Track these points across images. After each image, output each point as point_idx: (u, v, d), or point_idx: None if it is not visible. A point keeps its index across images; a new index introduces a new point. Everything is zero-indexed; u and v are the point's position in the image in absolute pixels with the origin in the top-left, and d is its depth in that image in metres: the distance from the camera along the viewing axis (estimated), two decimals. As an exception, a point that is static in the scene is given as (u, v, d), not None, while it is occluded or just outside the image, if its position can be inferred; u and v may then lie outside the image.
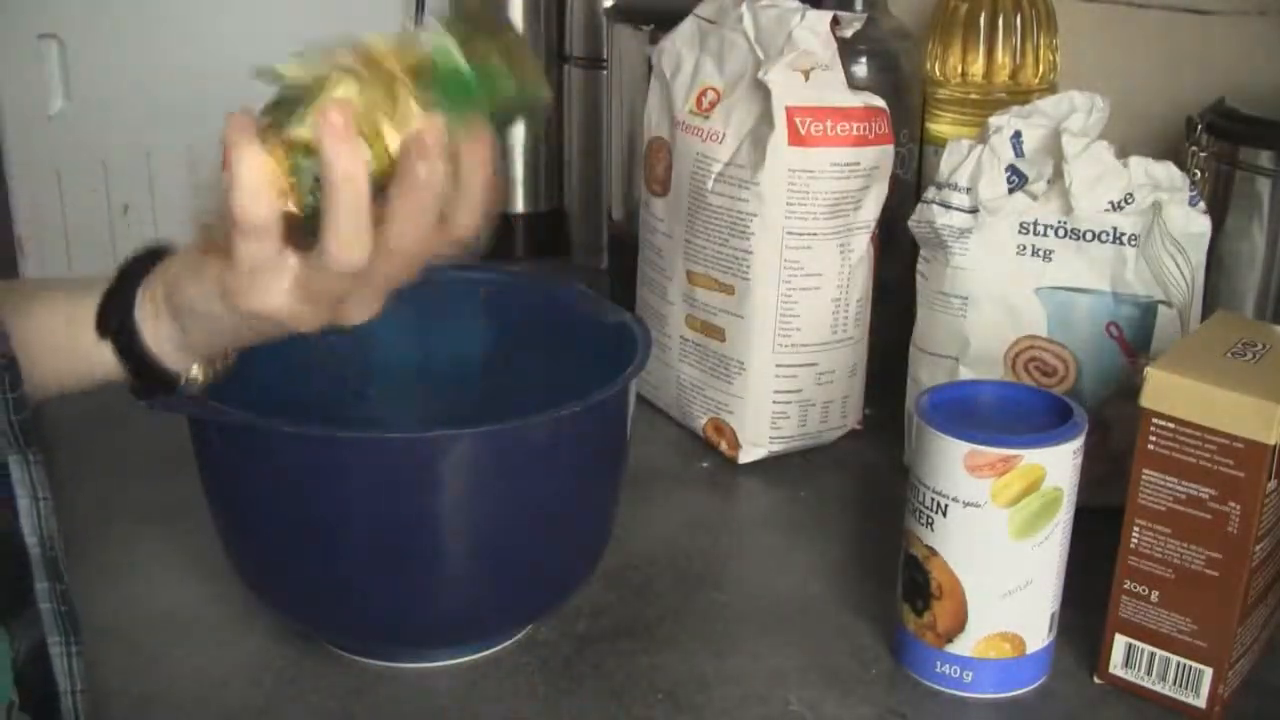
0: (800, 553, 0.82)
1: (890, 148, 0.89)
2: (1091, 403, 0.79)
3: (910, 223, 0.86)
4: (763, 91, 0.87)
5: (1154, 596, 0.67)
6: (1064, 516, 0.66)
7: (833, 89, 0.87)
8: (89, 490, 0.85)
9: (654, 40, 1.00)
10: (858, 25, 0.90)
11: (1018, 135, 0.81)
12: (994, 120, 0.82)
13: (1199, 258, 0.80)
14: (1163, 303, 0.80)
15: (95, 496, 0.85)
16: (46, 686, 0.57)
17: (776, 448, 0.92)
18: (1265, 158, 0.86)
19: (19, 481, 0.54)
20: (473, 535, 0.66)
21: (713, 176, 0.90)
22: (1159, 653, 0.67)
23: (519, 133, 1.27)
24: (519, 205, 1.30)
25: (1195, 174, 0.87)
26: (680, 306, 0.95)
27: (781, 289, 0.89)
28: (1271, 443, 0.61)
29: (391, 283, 0.55)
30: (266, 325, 0.56)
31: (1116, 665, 0.69)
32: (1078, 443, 0.66)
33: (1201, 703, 0.67)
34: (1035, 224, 0.81)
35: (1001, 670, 0.68)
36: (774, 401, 0.91)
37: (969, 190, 0.82)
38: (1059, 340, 0.82)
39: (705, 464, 0.94)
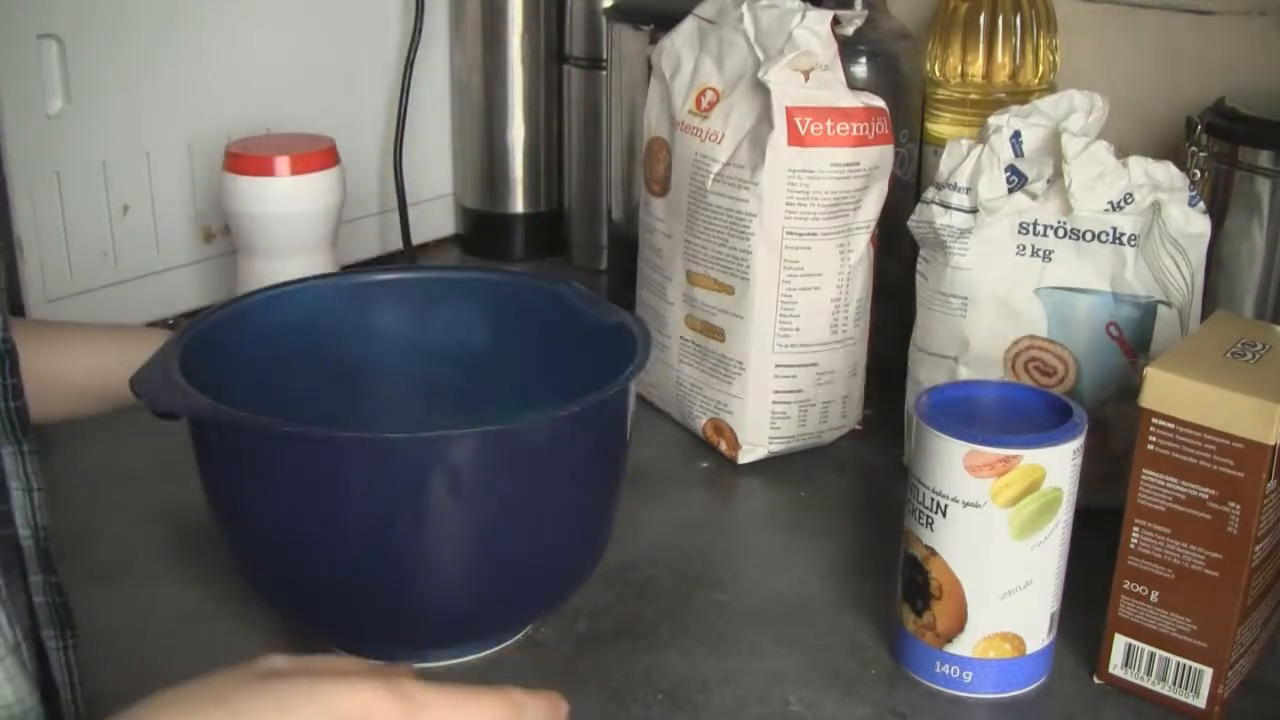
0: (800, 553, 0.82)
1: (890, 148, 0.89)
2: (1091, 403, 0.79)
3: (910, 223, 0.86)
4: (762, 91, 0.87)
5: (1154, 597, 0.67)
6: (1064, 516, 0.66)
7: (833, 89, 0.87)
8: (89, 490, 0.85)
9: (654, 40, 0.99)
10: (858, 23, 0.90)
11: (1017, 135, 0.81)
12: (993, 120, 0.82)
13: (1199, 258, 0.80)
14: (1162, 303, 0.80)
15: (95, 496, 0.85)
16: (44, 682, 0.56)
17: (776, 448, 0.92)
18: (1265, 158, 0.86)
19: (12, 474, 0.54)
20: (473, 535, 0.66)
21: (712, 176, 0.90)
22: (1159, 653, 0.67)
23: (518, 132, 1.27)
24: (519, 205, 1.30)
25: (1195, 174, 0.87)
26: (680, 306, 0.95)
27: (781, 289, 0.89)
28: (1271, 443, 0.61)
29: None
30: None
31: (1116, 665, 0.69)
32: (1078, 443, 0.66)
33: (1201, 703, 0.67)
34: (1035, 224, 0.81)
35: (1001, 670, 0.68)
36: (774, 402, 0.91)
37: (969, 190, 0.82)
38: (1059, 340, 0.82)
39: (705, 464, 0.94)
